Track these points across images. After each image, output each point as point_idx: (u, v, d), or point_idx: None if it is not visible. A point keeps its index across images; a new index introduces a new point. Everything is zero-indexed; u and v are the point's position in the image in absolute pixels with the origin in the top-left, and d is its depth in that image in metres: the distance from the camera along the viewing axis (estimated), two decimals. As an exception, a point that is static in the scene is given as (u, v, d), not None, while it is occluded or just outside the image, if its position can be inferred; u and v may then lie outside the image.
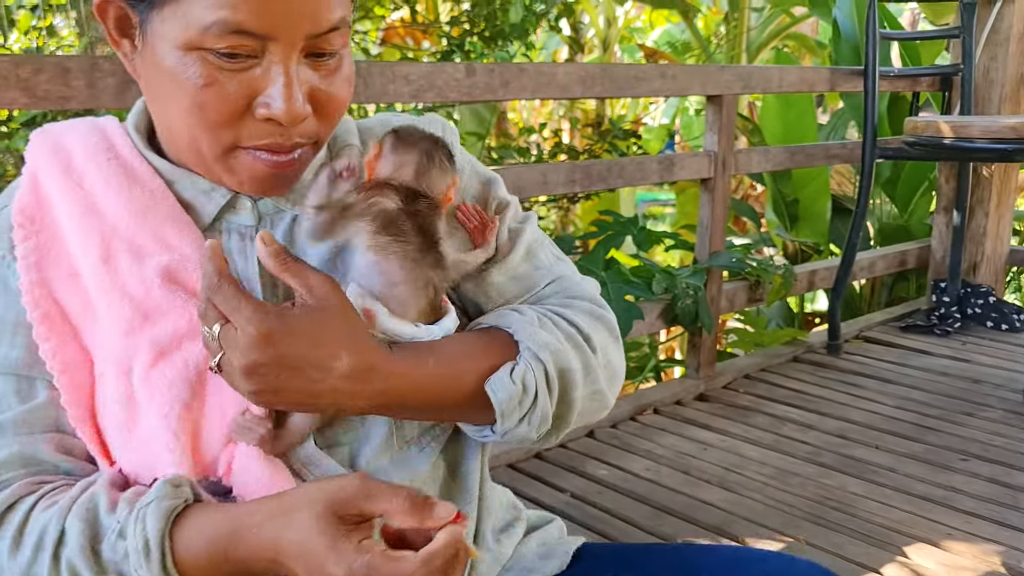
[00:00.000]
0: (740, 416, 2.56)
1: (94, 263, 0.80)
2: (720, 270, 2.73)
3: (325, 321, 0.73)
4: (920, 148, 2.78)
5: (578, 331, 0.87)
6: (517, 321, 0.84)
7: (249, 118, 0.76)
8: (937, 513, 2.00)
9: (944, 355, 3.06)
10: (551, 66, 2.20)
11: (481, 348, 0.83)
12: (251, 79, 0.75)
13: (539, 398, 0.82)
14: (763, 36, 5.57)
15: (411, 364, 0.78)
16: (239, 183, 0.81)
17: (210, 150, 0.78)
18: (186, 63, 0.74)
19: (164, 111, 0.80)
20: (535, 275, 0.93)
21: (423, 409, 0.82)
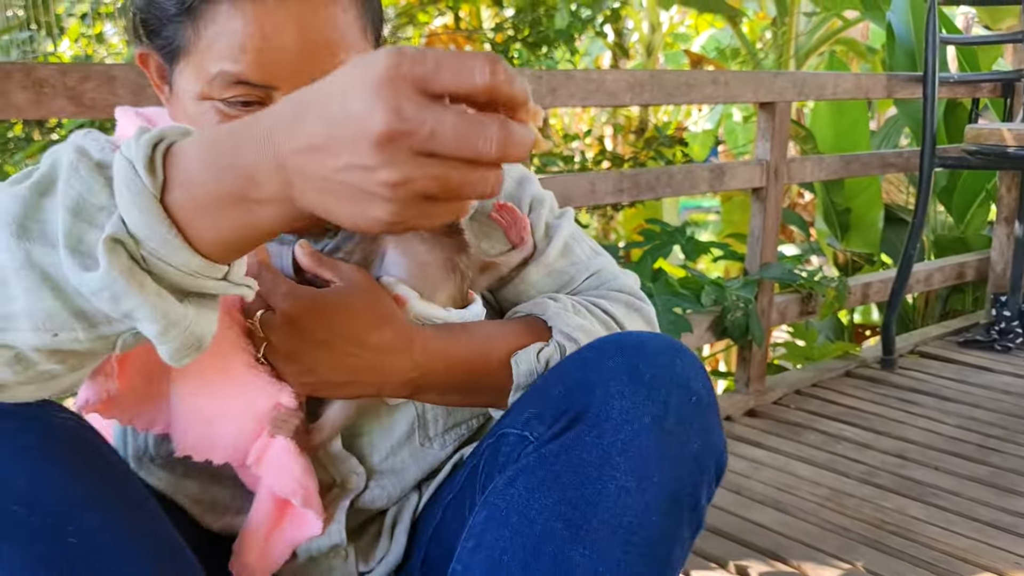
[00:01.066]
0: (792, 433, 2.48)
1: None
2: (771, 282, 2.65)
3: (357, 298, 0.76)
4: (982, 157, 2.68)
5: (613, 320, 0.88)
6: (551, 307, 0.86)
7: None
8: (1004, 540, 1.90)
9: (1006, 372, 2.94)
10: (599, 72, 2.15)
11: (512, 330, 0.86)
12: None
13: None
14: (812, 41, 5.45)
15: (445, 340, 0.81)
16: None
17: None
18: (202, 111, 0.77)
19: None
20: (572, 270, 0.94)
21: (455, 388, 0.84)
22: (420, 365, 0.79)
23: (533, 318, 0.87)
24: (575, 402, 0.74)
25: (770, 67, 5.61)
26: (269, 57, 0.74)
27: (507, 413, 0.84)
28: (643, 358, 0.74)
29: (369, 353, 0.76)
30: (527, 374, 0.83)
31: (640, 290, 0.95)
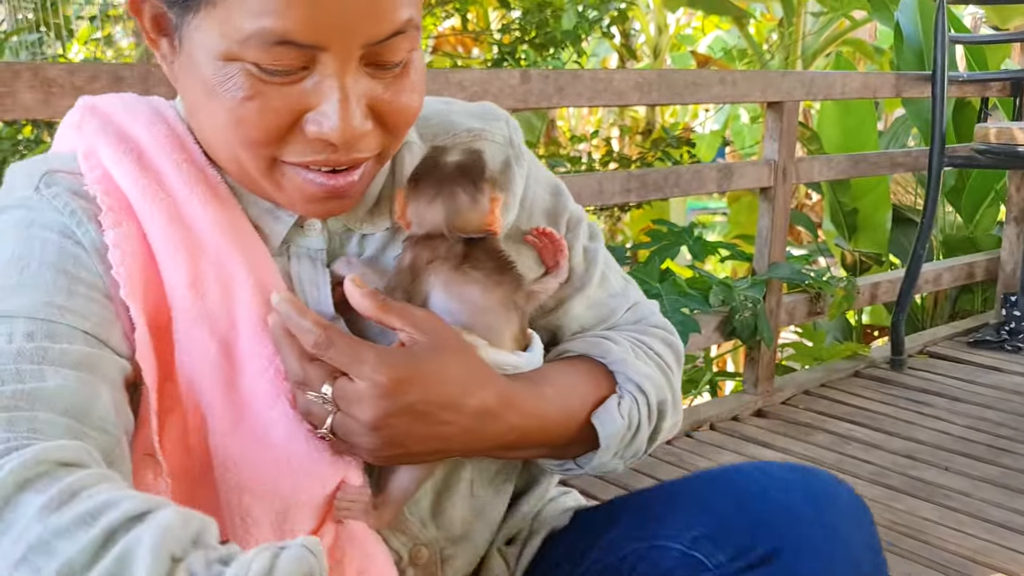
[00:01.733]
0: (801, 434, 2.47)
1: (181, 283, 0.70)
2: (779, 282, 2.63)
3: (449, 358, 0.68)
4: (991, 156, 2.67)
5: (664, 363, 0.85)
6: (614, 351, 0.81)
7: (298, 134, 0.67)
8: (1017, 542, 1.89)
9: (1016, 372, 2.92)
10: (607, 72, 2.15)
11: (582, 378, 0.80)
12: (300, 92, 0.65)
13: (640, 432, 0.81)
14: (819, 42, 5.44)
15: (536, 396, 0.74)
16: (290, 202, 0.72)
17: (253, 166, 0.69)
18: (225, 74, 0.64)
19: (200, 123, 0.72)
20: (611, 303, 0.89)
21: (540, 444, 0.78)
22: (517, 427, 0.72)
23: (592, 361, 0.82)
24: (762, 540, 0.72)
25: (777, 68, 5.59)
26: (322, 10, 0.61)
27: (656, 519, 0.80)
28: (839, 516, 0.73)
29: (467, 419, 0.69)
30: (615, 436, 0.78)
31: (667, 320, 0.92)
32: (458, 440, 0.69)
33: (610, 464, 0.81)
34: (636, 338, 0.86)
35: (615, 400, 0.79)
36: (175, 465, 0.69)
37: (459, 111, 0.86)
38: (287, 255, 0.76)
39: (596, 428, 0.78)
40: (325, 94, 0.65)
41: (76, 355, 0.63)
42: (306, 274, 0.76)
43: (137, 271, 0.69)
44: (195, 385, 0.70)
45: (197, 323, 0.70)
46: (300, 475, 0.68)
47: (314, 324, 0.66)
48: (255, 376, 0.70)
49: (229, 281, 0.71)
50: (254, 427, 0.69)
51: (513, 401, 0.72)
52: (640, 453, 0.83)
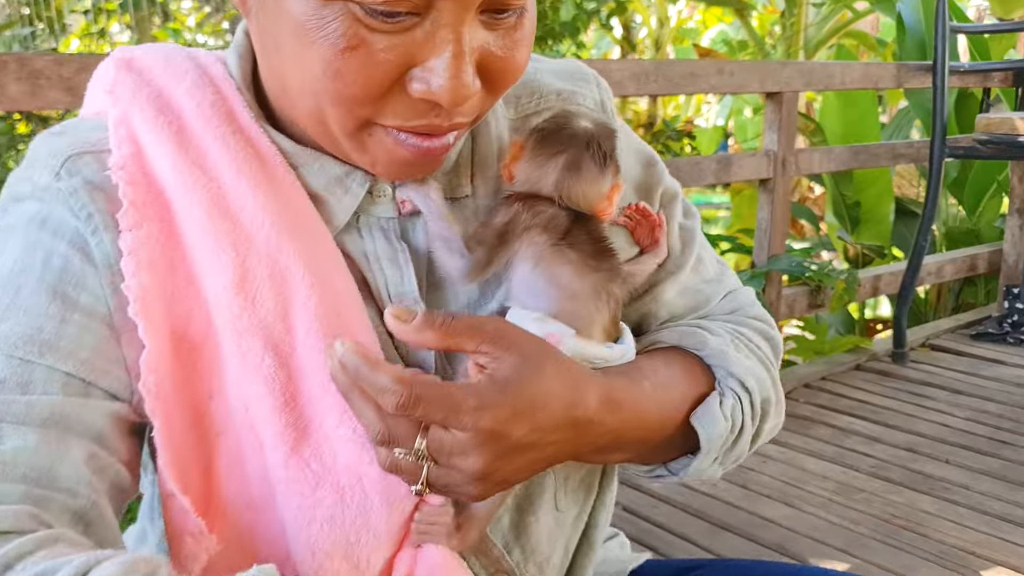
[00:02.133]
0: (801, 427, 2.45)
1: (225, 286, 0.60)
2: (779, 275, 2.62)
3: (546, 373, 0.59)
4: (993, 147, 2.64)
5: (765, 356, 0.76)
6: (712, 342, 0.72)
7: (398, 92, 0.57)
8: (1017, 535, 1.87)
9: (1018, 364, 2.90)
10: (603, 62, 2.13)
11: (681, 373, 0.71)
12: (409, 43, 0.56)
13: (743, 434, 0.72)
14: (822, 33, 5.41)
15: (635, 392, 0.66)
16: (371, 163, 0.63)
17: (340, 126, 0.60)
18: (323, 17, 0.54)
19: (282, 69, 0.60)
20: (706, 290, 0.79)
21: (636, 447, 0.69)
22: (615, 429, 0.64)
23: (688, 353, 0.73)
24: None
25: (778, 60, 5.57)
26: None
27: None
28: None
29: (573, 432, 0.61)
30: (718, 439, 0.70)
31: (766, 311, 0.83)
32: (560, 455, 0.62)
33: (708, 471, 0.72)
34: (734, 329, 0.76)
35: (716, 398, 0.70)
36: (232, 494, 0.62)
37: (546, 70, 0.77)
38: (357, 230, 0.67)
39: (697, 430, 0.69)
40: (437, 46, 0.55)
41: (46, 408, 0.57)
42: (383, 251, 0.67)
43: (159, 280, 0.60)
44: (249, 403, 0.61)
45: (249, 332, 0.60)
46: (373, 497, 0.60)
47: (394, 381, 0.55)
48: (318, 390, 0.60)
49: (283, 279, 0.61)
50: (319, 447, 0.61)
51: (614, 401, 0.63)
52: (741, 458, 0.74)
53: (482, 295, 0.69)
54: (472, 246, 0.65)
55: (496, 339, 0.58)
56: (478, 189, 0.71)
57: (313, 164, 0.65)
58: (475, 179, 0.71)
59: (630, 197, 0.77)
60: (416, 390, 0.55)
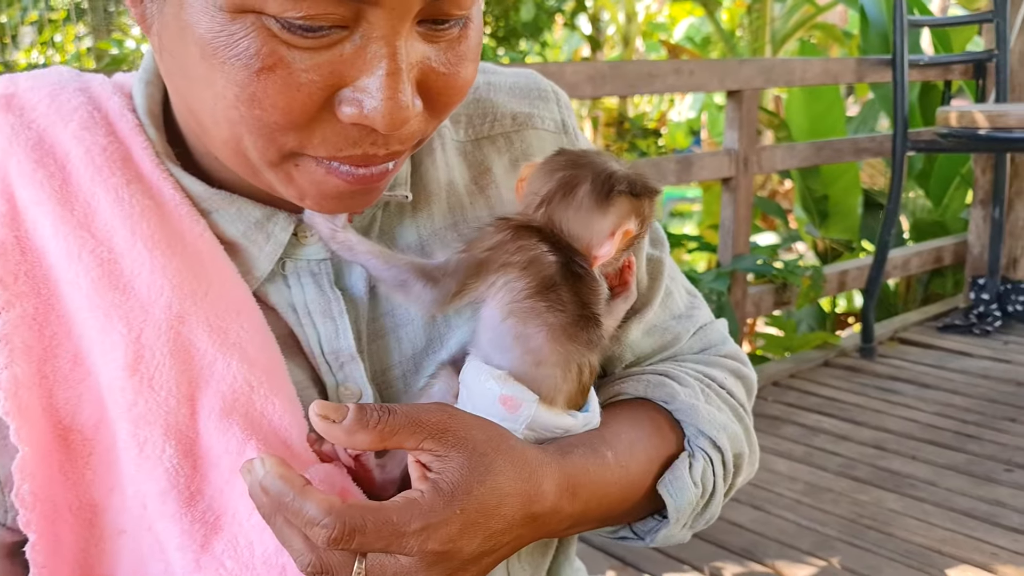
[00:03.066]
0: (769, 427, 2.44)
1: (117, 368, 0.53)
2: (745, 273, 2.61)
3: (498, 469, 0.52)
4: (954, 139, 2.64)
5: (737, 403, 0.72)
6: (679, 395, 0.67)
7: (327, 117, 0.50)
8: (981, 531, 1.87)
9: (984, 356, 2.90)
10: (558, 65, 2.10)
11: (648, 434, 0.65)
12: (336, 61, 0.48)
13: (715, 497, 0.67)
14: (788, 27, 5.42)
15: (596, 470, 0.59)
16: (299, 197, 0.54)
17: (261, 156, 0.52)
18: (233, 33, 0.47)
19: (190, 95, 0.52)
20: (675, 327, 0.73)
21: (599, 520, 0.63)
22: (576, 514, 0.58)
23: (654, 407, 0.67)
24: None
25: (745, 54, 5.57)
26: None
27: None
28: None
29: (527, 527, 0.55)
30: (687, 506, 0.64)
31: (737, 346, 0.78)
32: (518, 548, 0.56)
33: (678, 536, 0.67)
34: (704, 372, 0.71)
35: (685, 461, 0.65)
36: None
37: (501, 86, 0.71)
38: (283, 278, 0.60)
39: (665, 499, 0.64)
40: (369, 63, 0.48)
41: None
42: (314, 301, 0.60)
43: (35, 367, 0.53)
44: (148, 500, 0.53)
45: (146, 420, 0.53)
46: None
47: (323, 512, 0.48)
48: (228, 475, 0.53)
49: (187, 353, 0.54)
50: (233, 540, 0.54)
51: (573, 486, 0.57)
52: (713, 519, 0.69)
53: (429, 343, 0.63)
54: (440, 275, 0.58)
55: (439, 434, 0.51)
56: (422, 218, 0.64)
57: (229, 209, 0.58)
58: (419, 205, 0.64)
59: None
60: (350, 521, 0.48)
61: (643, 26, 7.96)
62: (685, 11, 8.70)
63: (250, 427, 0.54)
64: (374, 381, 0.62)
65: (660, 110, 8.42)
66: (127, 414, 0.53)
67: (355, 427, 0.49)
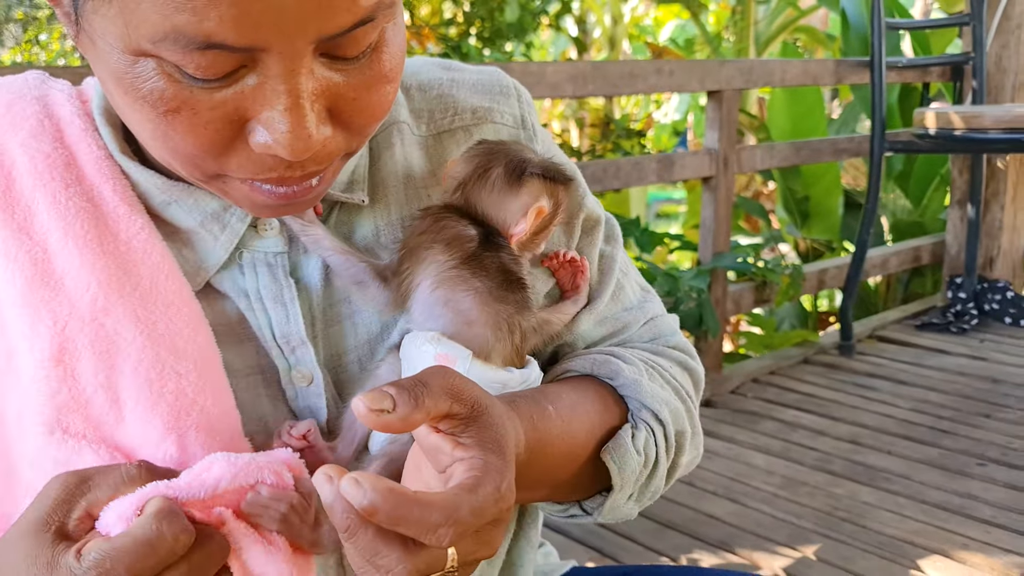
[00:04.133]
0: (748, 422, 2.48)
1: (43, 360, 0.56)
2: (725, 271, 2.64)
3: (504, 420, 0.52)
4: (931, 140, 2.69)
5: (681, 387, 0.74)
6: (624, 372, 0.69)
7: (240, 145, 0.52)
8: (953, 523, 1.91)
9: (961, 354, 2.95)
10: (539, 65, 2.13)
11: (591, 402, 0.67)
12: (239, 98, 0.50)
13: (658, 468, 0.69)
14: (771, 29, 5.47)
15: (538, 417, 0.60)
16: (237, 204, 0.58)
17: (189, 176, 0.55)
18: (138, 75, 0.49)
19: (123, 116, 0.55)
20: (625, 317, 0.77)
21: (542, 481, 0.63)
22: (524, 463, 0.57)
23: (599, 382, 0.69)
24: None
25: (730, 56, 5.62)
26: (254, 3, 0.46)
27: None
28: None
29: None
30: (631, 474, 0.66)
31: (687, 341, 0.81)
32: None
33: (624, 509, 0.69)
34: (650, 359, 0.74)
35: (628, 431, 0.67)
36: None
37: (464, 83, 0.73)
38: (239, 266, 0.62)
39: (609, 466, 0.65)
40: (269, 99, 0.50)
41: None
42: (266, 288, 0.62)
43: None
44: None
45: (68, 409, 0.55)
46: None
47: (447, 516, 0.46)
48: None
49: (111, 343, 0.56)
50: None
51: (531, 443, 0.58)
52: (657, 494, 0.71)
53: (384, 329, 0.66)
54: (390, 274, 0.62)
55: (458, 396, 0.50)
56: (379, 210, 0.67)
57: (187, 200, 0.61)
58: (376, 198, 0.67)
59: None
60: (454, 515, 0.46)
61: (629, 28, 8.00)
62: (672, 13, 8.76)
63: (174, 417, 0.56)
64: (328, 365, 0.65)
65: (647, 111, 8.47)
66: (50, 402, 0.55)
67: (409, 411, 0.48)
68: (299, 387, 0.63)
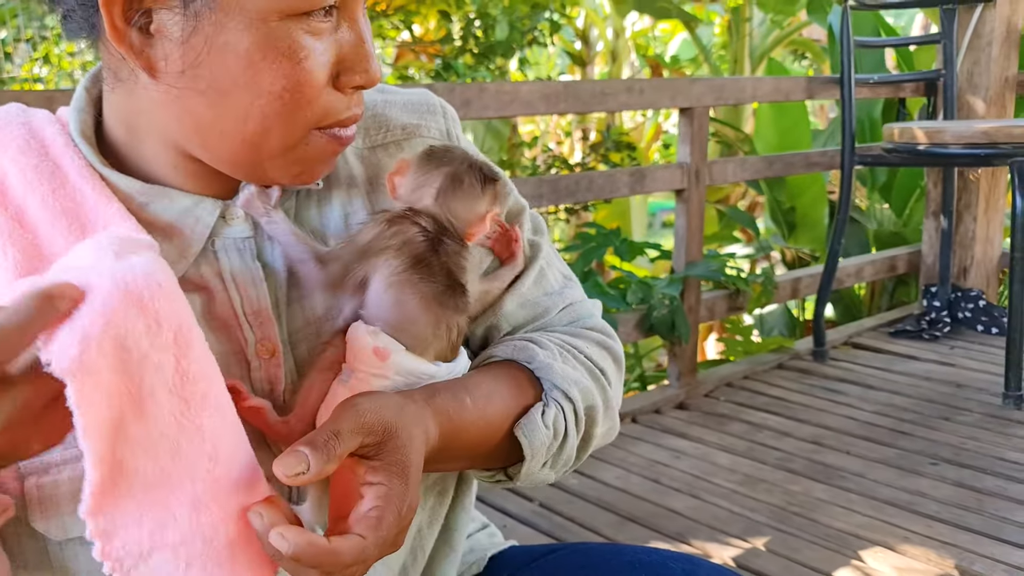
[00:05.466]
0: (717, 424, 2.59)
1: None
2: (698, 280, 2.76)
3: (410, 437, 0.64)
4: (897, 155, 2.80)
5: (595, 367, 0.83)
6: (540, 355, 0.79)
7: (331, 90, 0.66)
8: (899, 517, 2.01)
9: (930, 360, 3.05)
10: (513, 84, 2.26)
11: (506, 386, 0.77)
12: (334, 43, 0.65)
13: (568, 440, 0.79)
14: (766, 43, 5.59)
15: (455, 409, 0.71)
16: (298, 173, 0.70)
17: (284, 141, 0.67)
18: (279, 37, 0.62)
19: (209, 114, 0.65)
20: (545, 301, 0.86)
21: (460, 458, 0.76)
22: (442, 448, 0.69)
23: (518, 367, 0.79)
24: None
25: (726, 70, 5.74)
26: None
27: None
28: None
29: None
30: (541, 447, 0.76)
31: (606, 323, 0.90)
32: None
33: (540, 475, 0.79)
34: (566, 341, 0.83)
35: (539, 409, 0.77)
36: None
37: (395, 103, 0.84)
38: (213, 253, 0.72)
39: (520, 439, 0.75)
40: (350, 39, 0.66)
41: None
42: (238, 271, 0.72)
43: None
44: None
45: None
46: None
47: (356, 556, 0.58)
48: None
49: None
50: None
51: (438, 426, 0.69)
52: (571, 462, 0.81)
53: (327, 312, 0.75)
54: (329, 260, 0.71)
55: (368, 431, 0.61)
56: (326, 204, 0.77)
57: (162, 200, 0.70)
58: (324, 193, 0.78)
59: None
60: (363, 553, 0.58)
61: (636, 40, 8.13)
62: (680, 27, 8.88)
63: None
64: (288, 340, 0.76)
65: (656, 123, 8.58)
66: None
67: (322, 466, 0.57)
68: (262, 359, 0.73)
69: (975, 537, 1.92)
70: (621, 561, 0.93)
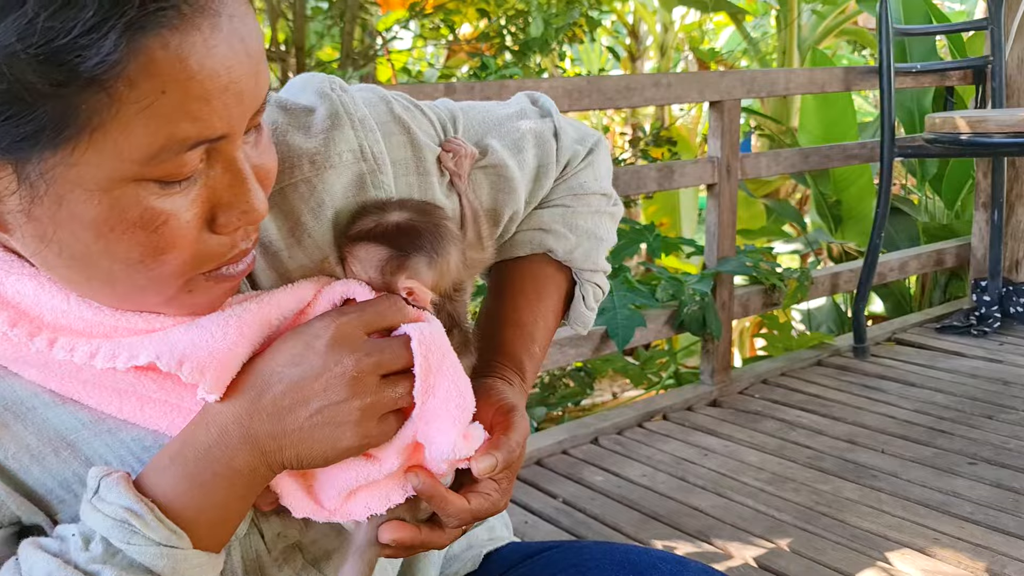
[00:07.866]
0: (749, 422, 2.55)
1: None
2: (731, 275, 2.72)
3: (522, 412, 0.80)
4: (939, 145, 2.71)
5: (590, 204, 0.93)
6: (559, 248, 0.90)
7: (209, 238, 0.59)
8: (930, 519, 1.96)
9: (977, 356, 2.95)
10: (535, 81, 2.26)
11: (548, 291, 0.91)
12: (204, 191, 0.58)
13: (605, 289, 0.96)
14: (815, 34, 5.46)
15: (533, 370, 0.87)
16: (189, 313, 0.64)
17: (163, 294, 0.61)
18: (123, 204, 0.55)
19: (81, 275, 0.60)
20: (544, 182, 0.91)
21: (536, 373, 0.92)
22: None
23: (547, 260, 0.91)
24: None
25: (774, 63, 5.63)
26: (233, 95, 0.55)
27: None
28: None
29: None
30: (591, 319, 0.95)
31: (579, 145, 0.93)
32: None
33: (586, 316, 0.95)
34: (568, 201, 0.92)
35: (580, 301, 0.93)
36: None
37: (296, 125, 0.74)
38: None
39: (577, 330, 0.94)
40: (233, 181, 0.58)
41: None
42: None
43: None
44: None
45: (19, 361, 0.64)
46: None
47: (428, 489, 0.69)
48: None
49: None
50: None
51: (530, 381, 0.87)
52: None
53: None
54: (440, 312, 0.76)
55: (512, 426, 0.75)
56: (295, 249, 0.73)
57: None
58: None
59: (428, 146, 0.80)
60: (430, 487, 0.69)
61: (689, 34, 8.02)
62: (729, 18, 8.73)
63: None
64: None
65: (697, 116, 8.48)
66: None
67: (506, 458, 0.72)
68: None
69: (1009, 539, 1.86)
70: (611, 560, 0.94)
